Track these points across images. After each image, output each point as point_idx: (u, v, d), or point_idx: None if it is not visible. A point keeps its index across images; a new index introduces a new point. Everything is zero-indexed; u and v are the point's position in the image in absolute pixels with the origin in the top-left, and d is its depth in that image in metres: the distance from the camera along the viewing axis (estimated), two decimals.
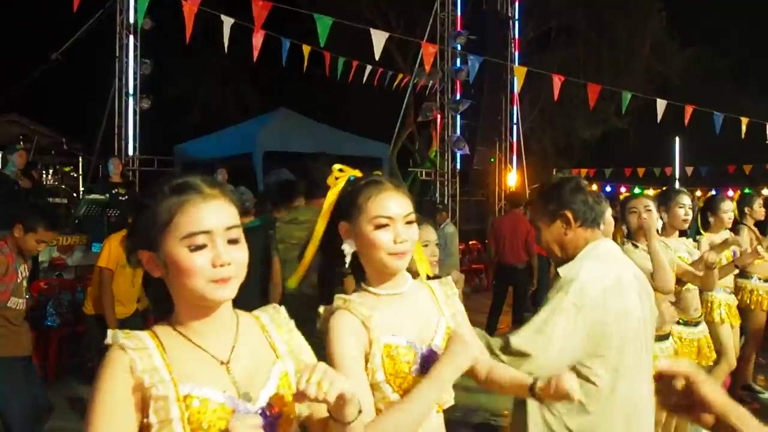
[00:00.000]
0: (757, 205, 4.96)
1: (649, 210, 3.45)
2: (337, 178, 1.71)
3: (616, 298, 2.09)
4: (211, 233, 1.23)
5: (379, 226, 1.58)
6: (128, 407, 1.19)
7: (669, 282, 3.19)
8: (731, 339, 4.43)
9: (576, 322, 2.05)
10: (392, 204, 1.59)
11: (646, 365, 2.18)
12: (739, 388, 5.27)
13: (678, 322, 3.86)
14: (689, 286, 3.89)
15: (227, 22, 7.77)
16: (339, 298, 1.61)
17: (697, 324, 3.92)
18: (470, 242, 12.18)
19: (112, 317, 4.41)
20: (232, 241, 1.26)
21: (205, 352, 1.28)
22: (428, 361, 1.58)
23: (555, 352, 2.04)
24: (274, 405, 1.29)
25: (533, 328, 2.06)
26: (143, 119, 11.24)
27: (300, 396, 1.19)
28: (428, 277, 1.77)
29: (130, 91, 10.80)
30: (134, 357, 1.20)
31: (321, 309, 1.64)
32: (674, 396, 1.10)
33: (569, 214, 2.22)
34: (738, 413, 1.07)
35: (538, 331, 2.05)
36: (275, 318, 1.42)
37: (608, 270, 2.14)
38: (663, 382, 1.12)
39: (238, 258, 1.26)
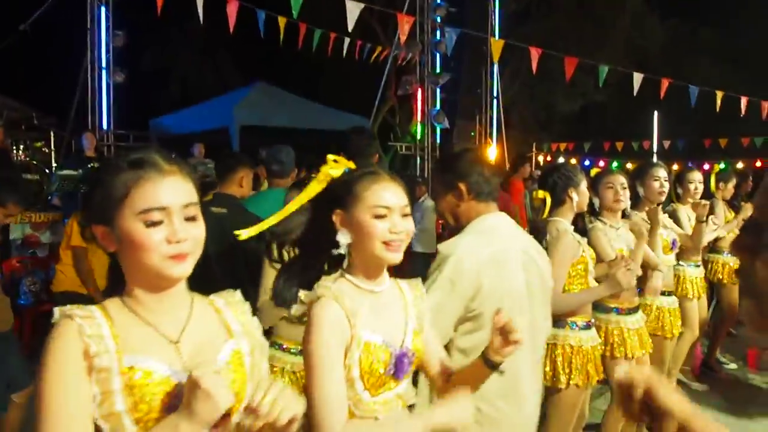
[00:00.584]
0: (731, 184, 5.02)
1: (625, 188, 3.48)
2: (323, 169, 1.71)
3: (492, 272, 2.14)
4: (168, 210, 1.23)
5: (376, 216, 1.59)
6: (81, 373, 1.17)
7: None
8: (696, 311, 4.50)
9: (451, 296, 2.11)
10: (390, 194, 1.61)
11: (525, 335, 2.22)
12: (712, 359, 5.38)
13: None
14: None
15: None
16: (324, 287, 1.59)
17: (667, 294, 3.99)
18: None
19: (97, 293, 4.31)
20: (189, 219, 1.26)
21: (155, 330, 1.27)
22: (401, 362, 1.60)
23: (447, 329, 2.11)
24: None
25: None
26: (118, 93, 11.01)
27: (250, 411, 1.16)
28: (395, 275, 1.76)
29: (103, 64, 10.54)
30: (82, 324, 1.19)
31: (302, 294, 1.62)
32: (635, 404, 1.10)
33: (463, 186, 2.27)
34: (700, 420, 1.08)
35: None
36: (230, 300, 1.42)
37: (486, 244, 2.19)
38: (623, 391, 1.11)
39: (195, 234, 1.26)
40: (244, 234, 1.68)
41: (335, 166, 1.69)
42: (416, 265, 5.59)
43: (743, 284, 0.93)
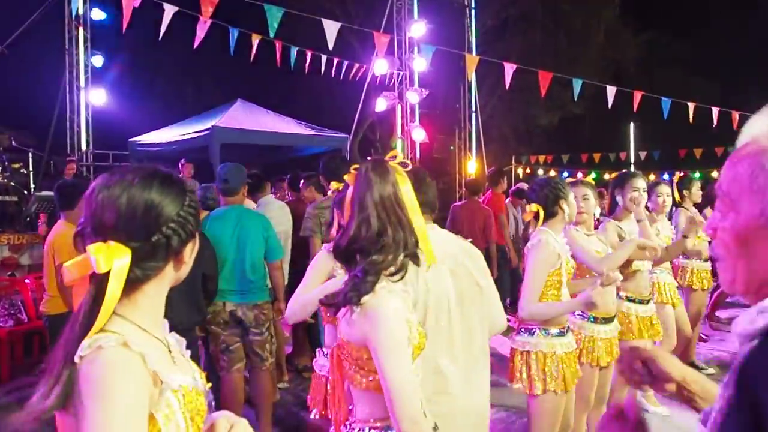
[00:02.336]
0: (695, 188, 5.12)
1: (587, 198, 3.55)
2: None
3: (413, 281, 2.27)
4: None
5: None
6: (145, 406, 1.14)
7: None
8: (673, 319, 4.57)
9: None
10: None
11: (457, 337, 2.39)
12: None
13: (632, 300, 4.00)
14: (639, 266, 4.01)
15: (169, 10, 7.60)
16: (383, 288, 1.74)
17: (647, 302, 4.05)
18: None
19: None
20: None
21: (159, 341, 1.28)
22: None
23: None
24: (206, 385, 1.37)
25: None
26: (97, 113, 10.99)
27: None
28: None
29: (81, 84, 10.53)
30: (143, 352, 1.16)
31: (366, 296, 1.73)
32: (636, 374, 1.30)
33: None
34: (695, 377, 1.27)
35: None
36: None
37: None
38: (624, 362, 1.32)
39: None
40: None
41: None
42: None
43: None
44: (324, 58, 10.28)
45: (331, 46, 8.61)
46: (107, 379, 1.10)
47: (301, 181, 5.57)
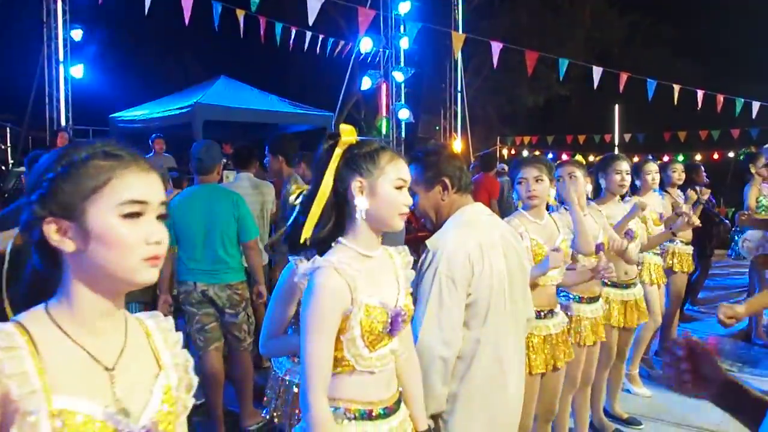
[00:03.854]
0: (673, 171, 5.13)
1: (575, 176, 3.50)
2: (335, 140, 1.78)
3: (480, 260, 2.25)
4: (148, 205, 1.10)
5: (397, 188, 1.75)
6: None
7: (590, 245, 3.30)
8: (658, 298, 4.61)
9: (456, 293, 2.21)
10: (406, 170, 1.80)
11: (510, 321, 2.36)
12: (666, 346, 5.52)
13: (612, 284, 3.99)
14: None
15: None
16: (324, 259, 1.72)
17: (628, 286, 4.04)
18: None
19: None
20: (161, 217, 1.13)
21: (88, 354, 1.08)
22: (396, 320, 1.75)
23: (455, 328, 2.21)
24: (158, 424, 1.13)
25: (434, 322, 2.19)
26: (77, 88, 10.79)
27: None
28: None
29: (60, 58, 10.32)
30: (1, 358, 1.00)
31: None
32: (682, 376, 1.27)
33: (447, 180, 2.36)
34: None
35: (438, 321, 2.19)
36: (161, 326, 1.25)
37: (470, 236, 2.28)
38: (671, 365, 1.30)
39: (165, 237, 1.13)
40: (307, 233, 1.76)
41: (353, 133, 1.79)
42: None
43: None
44: (309, 35, 10.15)
45: (311, 21, 8.49)
46: None
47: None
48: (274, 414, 2.58)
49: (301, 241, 1.74)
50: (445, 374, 2.19)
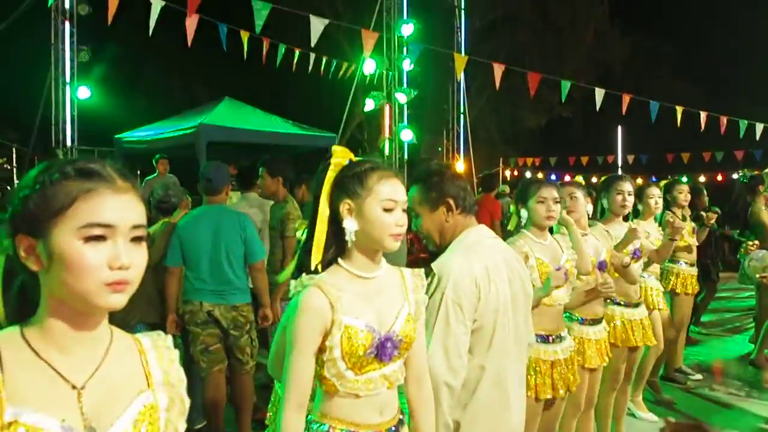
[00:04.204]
0: (679, 192, 5.11)
1: (575, 197, 3.49)
2: (329, 160, 1.78)
3: (485, 286, 2.23)
4: (114, 229, 1.06)
5: (386, 209, 1.71)
6: None
7: (587, 265, 3.28)
8: (660, 324, 4.57)
9: (463, 319, 2.19)
10: (398, 190, 1.75)
11: (512, 345, 2.33)
12: (672, 371, 5.47)
13: (619, 303, 3.96)
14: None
15: (156, 4, 7.53)
16: (310, 276, 1.72)
17: (636, 305, 4.02)
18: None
19: None
20: (136, 240, 1.09)
21: (56, 372, 1.07)
22: (384, 346, 1.72)
23: (462, 356, 2.17)
24: None
25: (440, 348, 2.16)
26: (83, 109, 10.87)
27: None
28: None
29: (67, 79, 10.41)
30: None
31: (291, 284, 1.76)
32: None
33: (451, 201, 2.32)
34: None
35: (444, 347, 2.16)
36: (157, 344, 1.23)
37: (477, 259, 2.26)
38: None
39: (138, 262, 1.09)
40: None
41: (343, 155, 1.79)
42: None
43: None
44: (312, 56, 10.23)
45: (313, 43, 8.57)
46: None
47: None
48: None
49: (313, 267, 1.74)
50: (450, 402, 2.15)
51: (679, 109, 11.66)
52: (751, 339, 6.24)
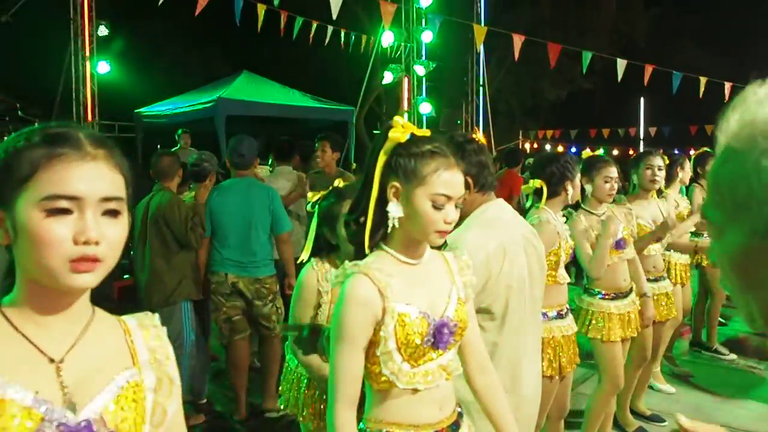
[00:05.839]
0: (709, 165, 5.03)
1: (610, 178, 3.43)
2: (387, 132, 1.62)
3: (500, 262, 2.18)
4: (81, 201, 0.97)
5: (435, 205, 1.56)
6: None
7: (598, 270, 3.32)
8: (680, 297, 4.55)
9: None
10: (455, 183, 1.58)
11: (530, 319, 2.32)
12: (699, 337, 5.46)
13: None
14: (649, 249, 3.96)
15: None
16: (354, 264, 1.60)
17: (657, 279, 4.01)
18: None
19: None
20: (109, 213, 1.00)
21: (33, 345, 1.02)
22: (441, 332, 1.60)
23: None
24: (106, 419, 1.03)
25: None
26: (103, 84, 10.93)
27: None
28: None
29: (87, 54, 10.46)
30: None
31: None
32: None
33: (469, 179, 2.21)
34: None
35: None
36: (144, 323, 1.17)
37: (492, 235, 2.22)
38: None
39: (111, 236, 1.00)
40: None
41: (402, 131, 1.61)
42: None
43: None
44: (330, 29, 10.16)
45: (335, 15, 8.48)
46: None
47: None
48: (287, 404, 2.64)
49: (367, 249, 1.62)
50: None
51: (703, 80, 11.43)
52: None
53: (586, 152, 3.71)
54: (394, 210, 1.58)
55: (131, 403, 1.06)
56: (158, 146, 10.49)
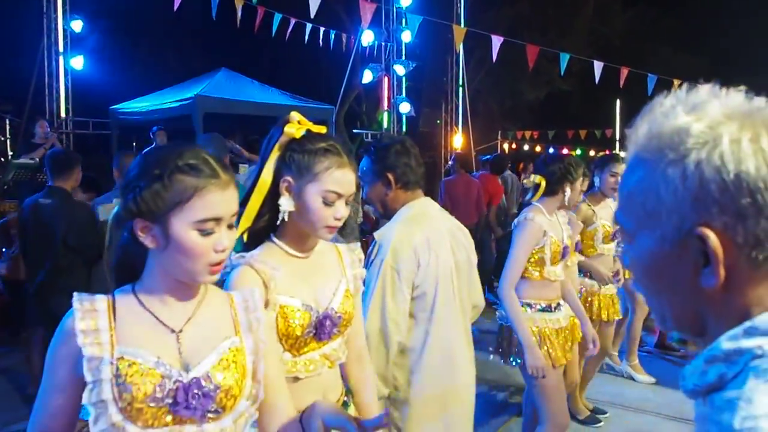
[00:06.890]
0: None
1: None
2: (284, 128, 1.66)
3: (425, 254, 2.28)
4: (221, 220, 1.28)
5: (326, 201, 1.61)
6: (65, 363, 1.25)
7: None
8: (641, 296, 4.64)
9: (400, 283, 2.25)
10: (345, 181, 1.63)
11: (458, 310, 2.41)
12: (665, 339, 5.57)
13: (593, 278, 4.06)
14: (603, 249, 4.11)
15: None
16: (241, 255, 1.63)
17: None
18: None
19: None
20: (230, 226, 1.31)
21: (158, 319, 1.30)
22: (323, 324, 1.64)
23: (400, 314, 2.26)
24: (212, 377, 1.29)
25: (379, 307, 2.23)
26: (77, 79, 10.74)
27: None
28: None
29: (60, 49, 10.27)
30: (78, 317, 1.25)
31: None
32: None
33: (390, 176, 2.35)
34: None
35: (382, 307, 2.23)
36: (245, 296, 1.44)
37: (416, 230, 2.31)
38: None
39: (230, 244, 1.31)
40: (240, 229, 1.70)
41: (297, 126, 1.65)
42: None
43: None
44: (309, 26, 10.10)
45: (313, 13, 8.42)
46: None
47: None
48: None
49: (237, 235, 1.63)
50: (388, 354, 2.23)
51: (676, 82, 11.57)
52: None
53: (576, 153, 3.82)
54: (286, 204, 1.62)
55: (233, 364, 1.32)
56: (134, 144, 10.34)
